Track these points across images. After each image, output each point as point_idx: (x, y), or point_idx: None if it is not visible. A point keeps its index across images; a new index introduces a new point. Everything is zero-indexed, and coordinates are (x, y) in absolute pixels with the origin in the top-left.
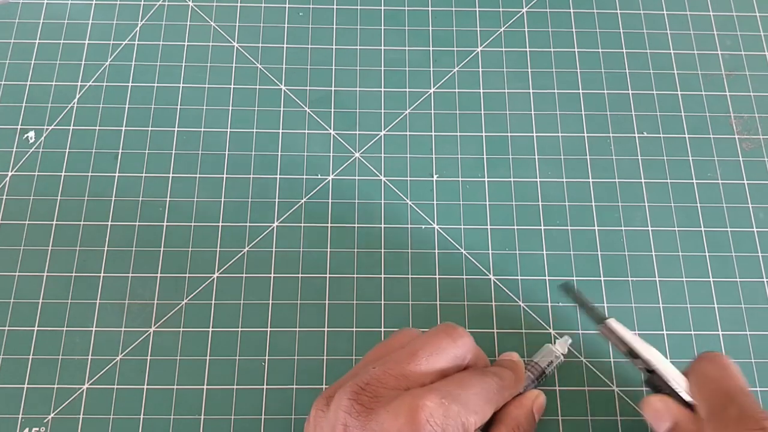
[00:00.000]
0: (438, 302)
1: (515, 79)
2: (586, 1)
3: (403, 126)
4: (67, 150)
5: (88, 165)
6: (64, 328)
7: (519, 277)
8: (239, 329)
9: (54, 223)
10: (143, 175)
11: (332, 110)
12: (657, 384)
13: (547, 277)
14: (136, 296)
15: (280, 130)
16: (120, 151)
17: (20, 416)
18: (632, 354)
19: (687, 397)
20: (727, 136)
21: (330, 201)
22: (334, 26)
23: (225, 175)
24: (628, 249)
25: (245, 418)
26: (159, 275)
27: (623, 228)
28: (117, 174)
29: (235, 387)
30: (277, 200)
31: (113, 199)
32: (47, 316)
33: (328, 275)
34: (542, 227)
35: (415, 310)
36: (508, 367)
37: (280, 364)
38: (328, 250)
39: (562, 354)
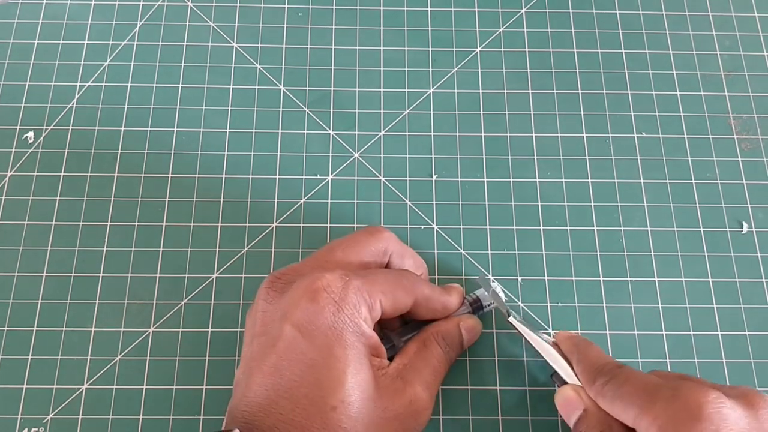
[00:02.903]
0: None
1: (514, 80)
2: (585, 1)
3: (403, 126)
4: (66, 150)
5: (87, 165)
6: (63, 329)
7: (518, 278)
8: (238, 329)
9: (53, 223)
10: (142, 175)
11: (331, 110)
12: (561, 378)
13: (546, 278)
14: (135, 296)
15: (279, 131)
16: (119, 151)
17: (19, 416)
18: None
19: (576, 381)
20: (726, 137)
21: (329, 201)
22: (333, 26)
23: (224, 176)
24: (627, 249)
25: None
26: (158, 275)
27: (622, 228)
28: (116, 174)
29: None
30: (276, 200)
31: (112, 199)
32: (46, 316)
33: None
34: (541, 227)
35: None
36: (443, 288)
37: None
38: None
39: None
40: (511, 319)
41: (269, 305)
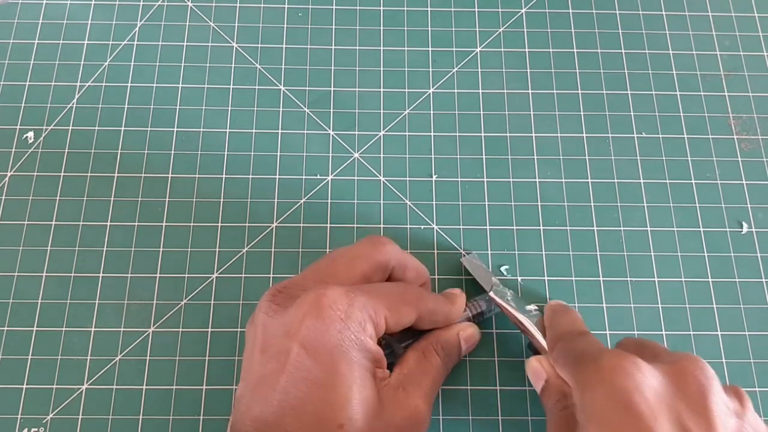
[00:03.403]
0: None
1: (514, 80)
2: (585, 1)
3: (402, 126)
4: (66, 150)
5: (87, 165)
6: (63, 329)
7: (518, 278)
8: (238, 329)
9: (53, 223)
10: (142, 175)
11: (331, 110)
12: (535, 347)
13: (546, 278)
14: (135, 296)
15: (279, 131)
16: (119, 151)
17: (19, 416)
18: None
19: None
20: (725, 137)
21: (329, 201)
22: (333, 26)
23: (224, 176)
24: (627, 249)
25: None
26: (158, 275)
27: (622, 228)
28: (116, 174)
29: (233, 387)
30: (276, 200)
31: (112, 199)
32: (46, 316)
33: None
34: (541, 227)
35: None
36: (446, 295)
37: None
38: (328, 250)
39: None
40: (491, 293)
41: (270, 319)
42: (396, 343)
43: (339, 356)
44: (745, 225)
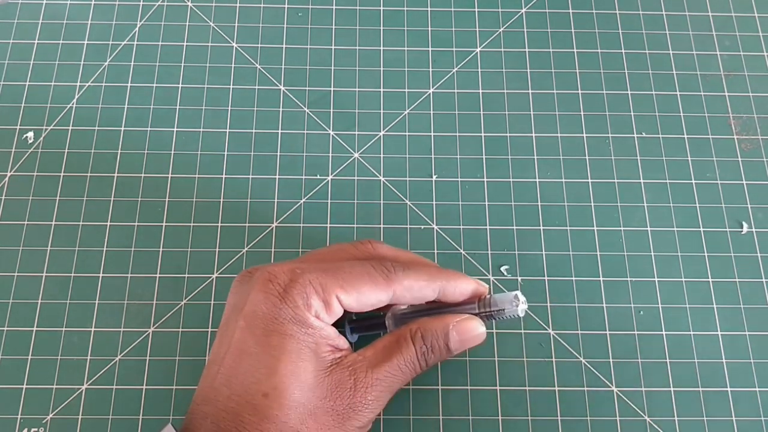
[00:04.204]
0: None
1: (514, 80)
2: (585, 1)
3: (402, 126)
4: (66, 150)
5: (87, 165)
6: (63, 329)
7: (518, 278)
8: None
9: (53, 223)
10: (142, 175)
11: (331, 110)
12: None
13: (546, 278)
14: (135, 296)
15: (279, 131)
16: (119, 151)
17: (19, 417)
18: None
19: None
20: (725, 137)
21: (329, 201)
22: (333, 26)
23: (224, 176)
24: (627, 249)
25: None
26: (158, 275)
27: (622, 228)
28: (116, 174)
29: None
30: (276, 200)
31: (112, 199)
32: (46, 316)
33: None
34: (541, 228)
35: None
36: (446, 274)
37: None
38: None
39: (519, 315)
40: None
41: (232, 296)
42: (392, 322)
43: (272, 329)
44: (745, 225)
